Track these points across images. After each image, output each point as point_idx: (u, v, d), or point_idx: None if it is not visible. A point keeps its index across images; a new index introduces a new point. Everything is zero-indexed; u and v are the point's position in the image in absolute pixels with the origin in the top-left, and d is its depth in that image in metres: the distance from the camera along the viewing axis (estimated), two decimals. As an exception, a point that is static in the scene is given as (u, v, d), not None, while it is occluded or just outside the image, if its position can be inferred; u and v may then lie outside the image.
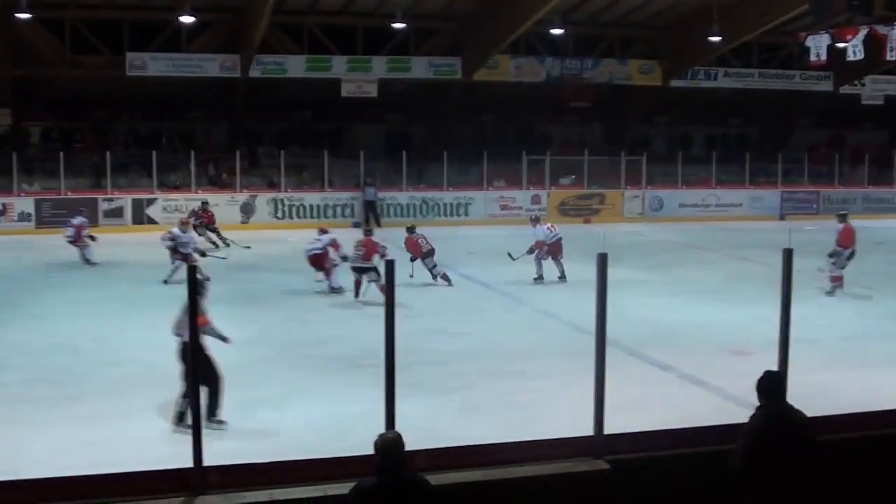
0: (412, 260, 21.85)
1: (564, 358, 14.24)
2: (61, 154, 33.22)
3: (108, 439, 11.32)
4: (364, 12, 36.23)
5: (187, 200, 32.74)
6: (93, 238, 25.61)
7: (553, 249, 22.86)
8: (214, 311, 12.13)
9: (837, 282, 21.02)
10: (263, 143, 38.08)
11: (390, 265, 6.85)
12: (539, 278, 22.70)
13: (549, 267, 22.71)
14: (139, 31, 35.51)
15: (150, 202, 32.57)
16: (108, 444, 11.11)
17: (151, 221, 31.95)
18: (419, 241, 22.38)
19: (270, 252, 25.54)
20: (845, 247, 21.22)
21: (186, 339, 10.81)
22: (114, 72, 35.08)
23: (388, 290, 6.79)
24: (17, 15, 31.65)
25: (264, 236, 29.68)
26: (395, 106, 39.52)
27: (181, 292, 6.87)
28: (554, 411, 11.78)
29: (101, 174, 33.50)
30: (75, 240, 25.28)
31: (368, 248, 20.18)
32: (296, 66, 36.02)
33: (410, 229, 22.91)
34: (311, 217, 32.99)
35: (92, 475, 6.71)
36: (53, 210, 32.30)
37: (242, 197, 33.60)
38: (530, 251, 22.95)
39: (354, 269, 20.18)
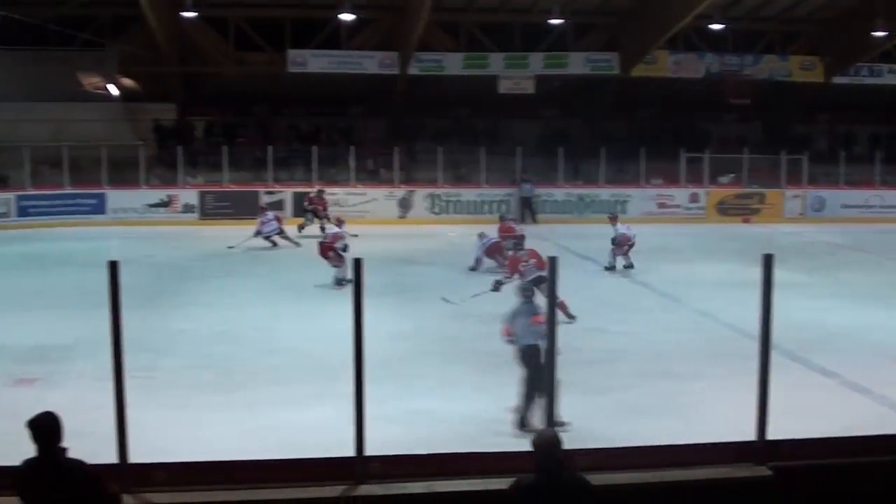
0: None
1: (723, 360, 14.00)
2: (224, 148, 34.07)
3: (269, 426, 11.59)
4: (521, 9, 36.21)
5: (347, 194, 33.24)
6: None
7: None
8: (375, 304, 12.28)
9: None
10: (421, 139, 38.35)
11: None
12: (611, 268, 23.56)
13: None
14: (300, 28, 36.24)
15: (305, 194, 33.15)
16: (268, 430, 11.37)
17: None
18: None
19: (428, 247, 25.75)
20: None
21: (527, 343, 11.48)
22: (276, 69, 35.87)
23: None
24: (184, 14, 32.66)
25: (421, 231, 29.93)
26: (551, 102, 39.34)
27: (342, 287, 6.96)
28: (711, 414, 11.61)
29: (263, 168, 34.22)
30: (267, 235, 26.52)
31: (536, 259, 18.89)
32: (453, 63, 36.21)
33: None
34: (468, 213, 33.12)
35: (255, 460, 6.86)
36: (216, 202, 33.18)
37: (400, 192, 33.92)
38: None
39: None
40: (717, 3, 32.83)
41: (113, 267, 6.29)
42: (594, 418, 11.45)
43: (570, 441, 6.17)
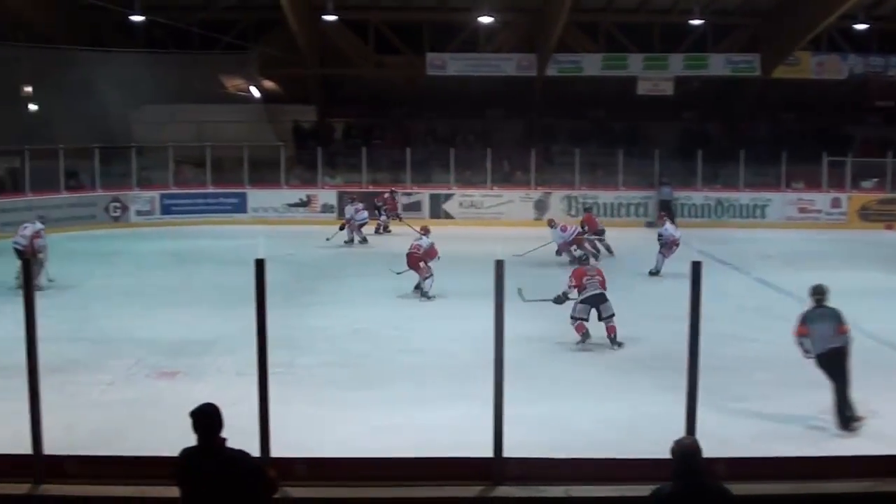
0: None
1: (866, 371, 13.59)
2: (363, 149, 34.43)
3: (404, 425, 11.68)
4: (661, 9, 35.85)
5: (483, 196, 33.30)
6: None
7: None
8: (509, 305, 12.26)
9: None
10: (558, 140, 38.17)
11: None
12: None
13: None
14: (439, 31, 36.53)
15: (447, 197, 33.27)
16: (403, 429, 11.46)
17: (448, 216, 32.63)
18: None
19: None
20: None
21: (833, 346, 11.63)
22: (414, 71, 36.22)
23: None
24: (325, 17, 33.16)
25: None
26: (690, 104, 38.81)
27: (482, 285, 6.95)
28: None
29: (401, 169, 34.50)
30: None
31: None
32: (592, 64, 36.04)
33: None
34: (605, 215, 32.79)
35: (393, 458, 6.92)
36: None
37: (536, 194, 33.81)
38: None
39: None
40: (861, 3, 32.01)
41: (259, 265, 6.41)
42: (734, 426, 11.25)
43: (706, 449, 6.06)
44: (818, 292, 12.20)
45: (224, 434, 5.93)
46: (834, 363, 11.62)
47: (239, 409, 6.20)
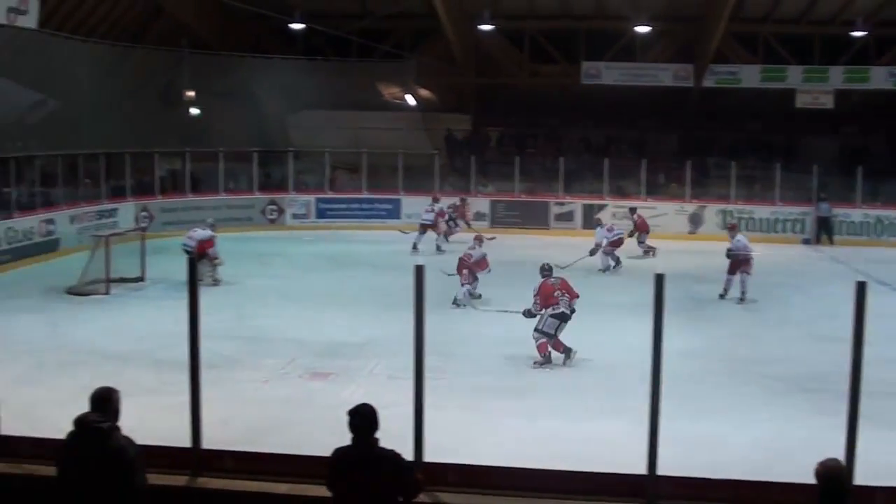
0: None
1: None
2: (516, 158, 34.43)
3: (553, 436, 11.63)
4: (822, 20, 34.94)
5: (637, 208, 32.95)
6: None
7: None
8: (664, 319, 12.14)
9: None
10: (713, 153, 37.55)
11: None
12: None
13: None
14: (595, 40, 36.26)
15: (600, 208, 33.02)
16: (552, 440, 11.40)
17: (601, 227, 32.40)
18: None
19: (719, 264, 25.08)
20: None
21: None
22: (569, 80, 36.08)
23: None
24: (481, 27, 33.30)
25: (712, 248, 29.16)
26: (851, 118, 37.76)
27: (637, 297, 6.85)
28: None
29: (553, 179, 34.38)
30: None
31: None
32: (750, 75, 35.37)
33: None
34: (761, 230, 32.09)
35: (545, 469, 6.85)
36: (506, 211, 33.56)
37: (691, 207, 33.29)
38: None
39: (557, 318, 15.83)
40: None
41: (419, 271, 6.45)
42: (893, 454, 10.85)
43: (866, 476, 5.83)
44: None
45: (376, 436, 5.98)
46: None
47: (390, 412, 6.23)
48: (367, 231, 32.14)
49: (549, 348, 15.42)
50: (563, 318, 15.61)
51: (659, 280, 6.16)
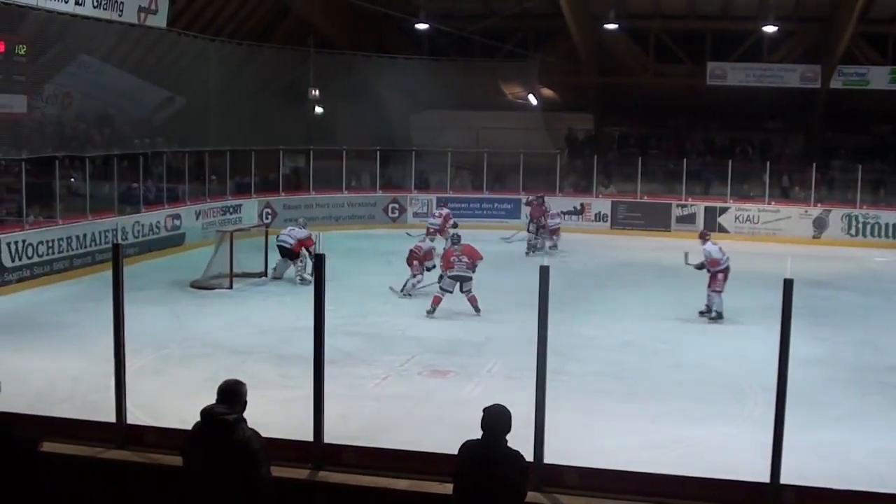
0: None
1: None
2: (639, 159, 34.12)
3: (671, 440, 11.53)
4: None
5: (760, 211, 32.37)
6: None
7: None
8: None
9: None
10: (839, 156, 36.71)
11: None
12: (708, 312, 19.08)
13: None
14: (721, 40, 35.77)
15: (723, 210, 32.52)
16: (671, 445, 11.32)
17: (723, 230, 31.86)
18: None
19: (843, 270, 24.68)
20: None
21: None
22: (693, 81, 35.61)
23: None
24: (606, 26, 33.09)
25: (835, 253, 28.67)
26: None
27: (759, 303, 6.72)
28: None
29: (676, 180, 34.00)
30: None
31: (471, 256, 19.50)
32: (879, 77, 34.41)
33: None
34: (887, 236, 31.28)
35: (665, 475, 6.79)
36: (628, 213, 33.30)
37: (815, 211, 32.58)
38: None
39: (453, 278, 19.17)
40: None
41: (544, 272, 6.45)
42: None
43: None
44: None
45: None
46: None
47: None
48: (487, 230, 32.15)
49: (440, 303, 18.82)
50: (459, 279, 19.05)
51: (787, 286, 6.04)
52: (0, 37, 22.96)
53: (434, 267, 21.00)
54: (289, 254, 22.15)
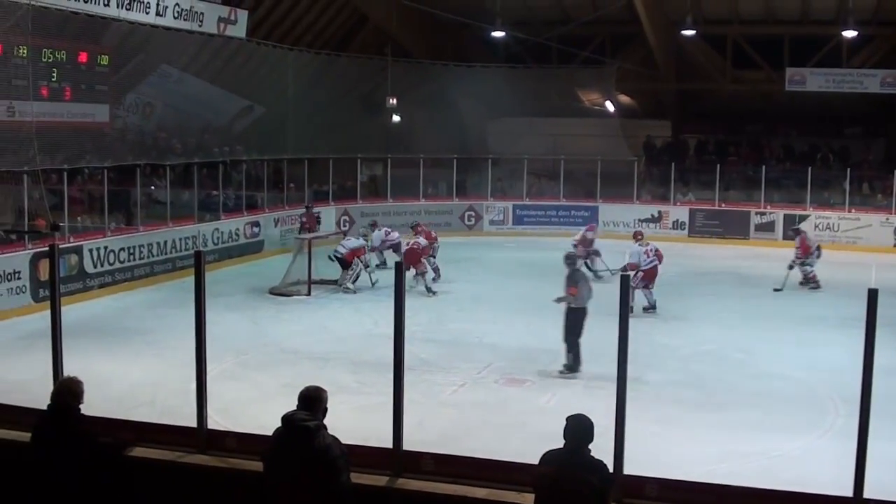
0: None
1: None
2: (717, 166, 33.79)
3: (751, 452, 11.42)
4: None
5: (840, 219, 31.88)
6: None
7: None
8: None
9: None
10: (922, 162, 36.06)
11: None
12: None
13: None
14: (800, 46, 35.38)
15: (802, 218, 32.07)
16: (750, 456, 11.21)
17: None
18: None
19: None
20: None
21: None
22: (772, 86, 35.27)
23: None
24: (683, 32, 32.87)
25: (919, 261, 28.10)
26: None
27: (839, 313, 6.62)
28: None
29: (755, 187, 33.61)
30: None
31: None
32: (962, 82, 33.82)
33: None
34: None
35: (746, 487, 6.71)
36: (705, 220, 33.01)
37: (896, 219, 32.06)
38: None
39: None
40: None
41: (624, 281, 6.44)
42: None
43: None
44: None
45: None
46: None
47: (589, 421, 6.22)
48: (564, 238, 32.06)
49: None
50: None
51: (872, 296, 5.96)
52: (83, 48, 23.43)
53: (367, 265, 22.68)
54: (342, 263, 22.34)
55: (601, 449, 6.25)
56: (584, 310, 15.17)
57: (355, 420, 10.26)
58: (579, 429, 5.93)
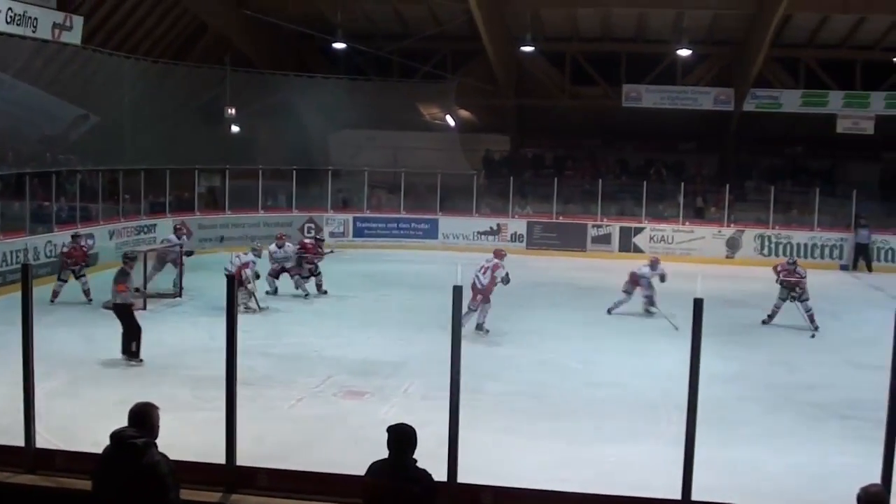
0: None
1: None
2: (555, 180, 34.35)
3: (588, 459, 11.60)
4: (864, 46, 34.65)
5: (674, 231, 32.79)
6: None
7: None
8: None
9: None
10: (752, 177, 37.36)
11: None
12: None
13: None
14: (636, 63, 36.32)
15: (638, 231, 32.88)
16: (587, 463, 11.37)
17: (637, 250, 32.18)
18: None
19: (756, 289, 24.99)
20: None
21: None
22: (609, 102, 36.08)
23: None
24: (523, 48, 33.38)
25: (749, 273, 29.07)
26: (892, 144, 37.33)
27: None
28: None
29: (592, 201, 34.29)
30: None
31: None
32: (790, 100, 35.15)
33: None
34: (798, 255, 31.84)
35: (580, 493, 6.81)
36: (543, 233, 33.49)
37: (729, 231, 33.06)
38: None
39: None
40: None
41: (457, 292, 6.45)
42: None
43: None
44: None
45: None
46: None
47: (424, 432, 6.20)
48: (403, 251, 32.20)
49: None
50: None
51: (697, 305, 6.12)
52: None
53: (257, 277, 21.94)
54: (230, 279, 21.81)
55: (438, 458, 6.26)
56: None
57: (193, 436, 10.04)
58: (401, 438, 5.93)
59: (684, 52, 32.82)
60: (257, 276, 21.75)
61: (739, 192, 35.70)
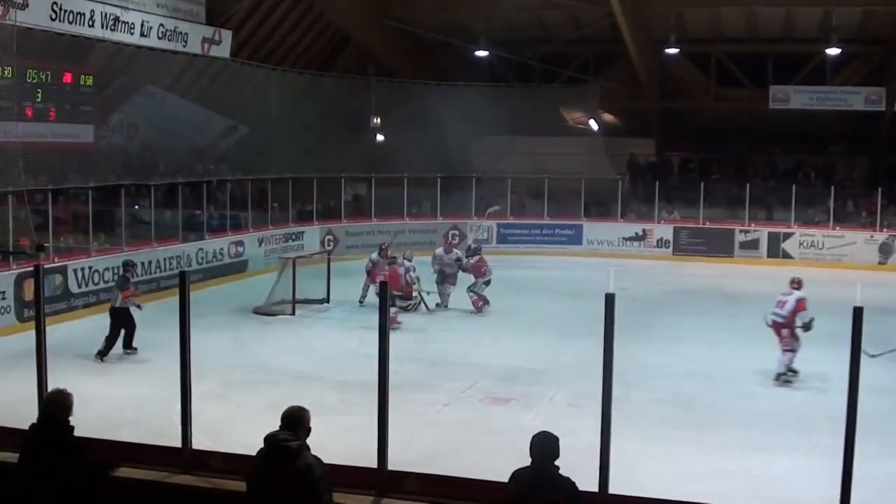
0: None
1: None
2: (701, 184, 33.85)
3: (738, 471, 11.39)
4: None
5: (824, 237, 31.97)
6: None
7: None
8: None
9: None
10: (906, 180, 36.23)
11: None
12: None
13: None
14: (784, 63, 35.52)
15: (787, 236, 32.17)
16: (737, 475, 11.18)
17: (787, 256, 31.51)
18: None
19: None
20: None
21: None
22: (756, 104, 35.31)
23: None
24: (667, 51, 33.00)
25: (902, 279, 28.18)
26: None
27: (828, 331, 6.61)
28: None
29: (739, 205, 33.66)
30: None
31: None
32: (946, 99, 34.02)
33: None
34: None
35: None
36: (690, 238, 33.04)
37: (881, 236, 32.08)
38: None
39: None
40: None
41: (609, 300, 6.40)
42: None
43: None
44: None
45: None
46: None
47: (569, 441, 6.19)
48: (548, 257, 32.13)
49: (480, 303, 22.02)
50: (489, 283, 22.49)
51: (857, 313, 5.94)
52: (67, 68, 23.42)
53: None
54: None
55: (584, 468, 6.23)
56: None
57: (340, 440, 10.18)
58: (545, 446, 5.92)
59: (833, 52, 32.02)
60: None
61: (892, 195, 34.60)
